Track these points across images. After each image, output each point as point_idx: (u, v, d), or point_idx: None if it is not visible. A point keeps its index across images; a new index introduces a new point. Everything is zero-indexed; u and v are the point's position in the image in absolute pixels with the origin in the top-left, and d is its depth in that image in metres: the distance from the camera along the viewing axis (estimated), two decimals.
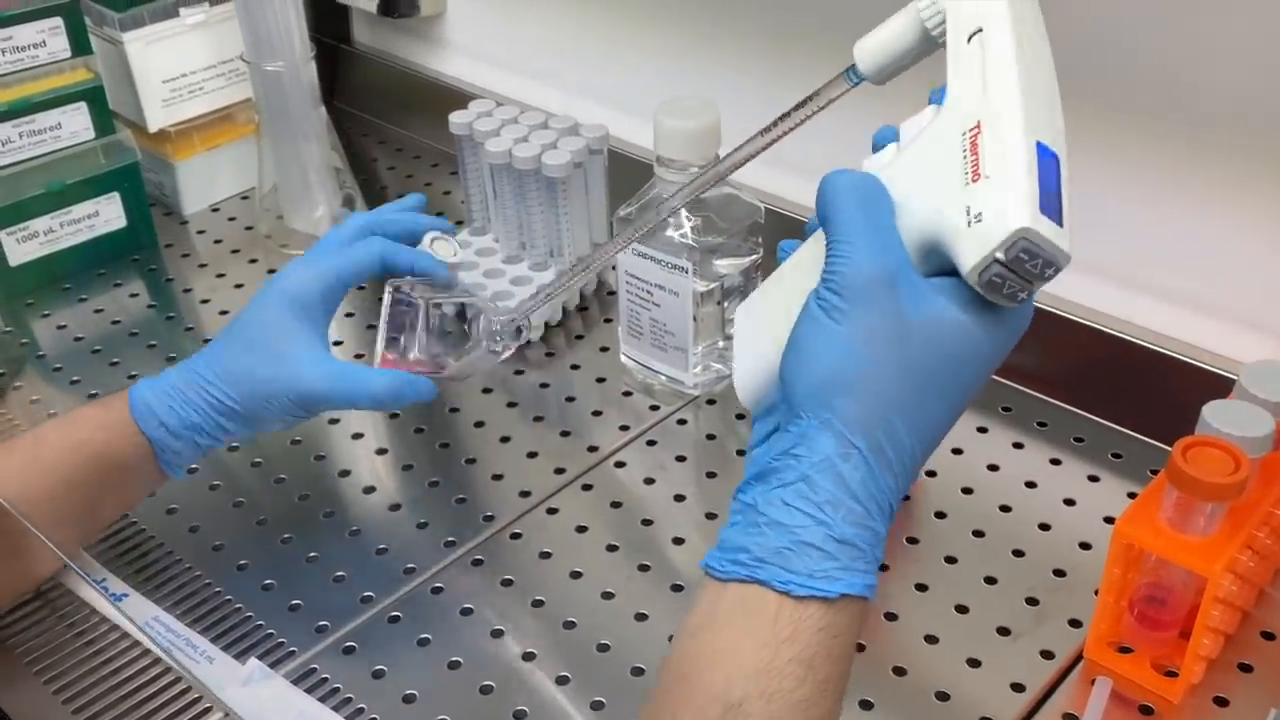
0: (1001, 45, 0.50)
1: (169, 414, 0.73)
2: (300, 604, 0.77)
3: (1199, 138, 0.81)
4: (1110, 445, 0.86)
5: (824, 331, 0.50)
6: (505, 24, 1.25)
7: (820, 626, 0.49)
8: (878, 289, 0.50)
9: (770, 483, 0.51)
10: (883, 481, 0.50)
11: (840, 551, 0.49)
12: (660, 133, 0.85)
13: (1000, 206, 0.47)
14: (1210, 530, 0.64)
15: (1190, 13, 0.78)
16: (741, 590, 0.50)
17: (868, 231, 0.50)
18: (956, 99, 0.51)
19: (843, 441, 0.49)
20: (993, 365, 0.52)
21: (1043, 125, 0.49)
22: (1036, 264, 0.47)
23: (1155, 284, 0.87)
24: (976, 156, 0.48)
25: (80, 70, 1.06)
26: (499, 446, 0.89)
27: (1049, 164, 0.48)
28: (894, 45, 0.55)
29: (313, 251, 0.76)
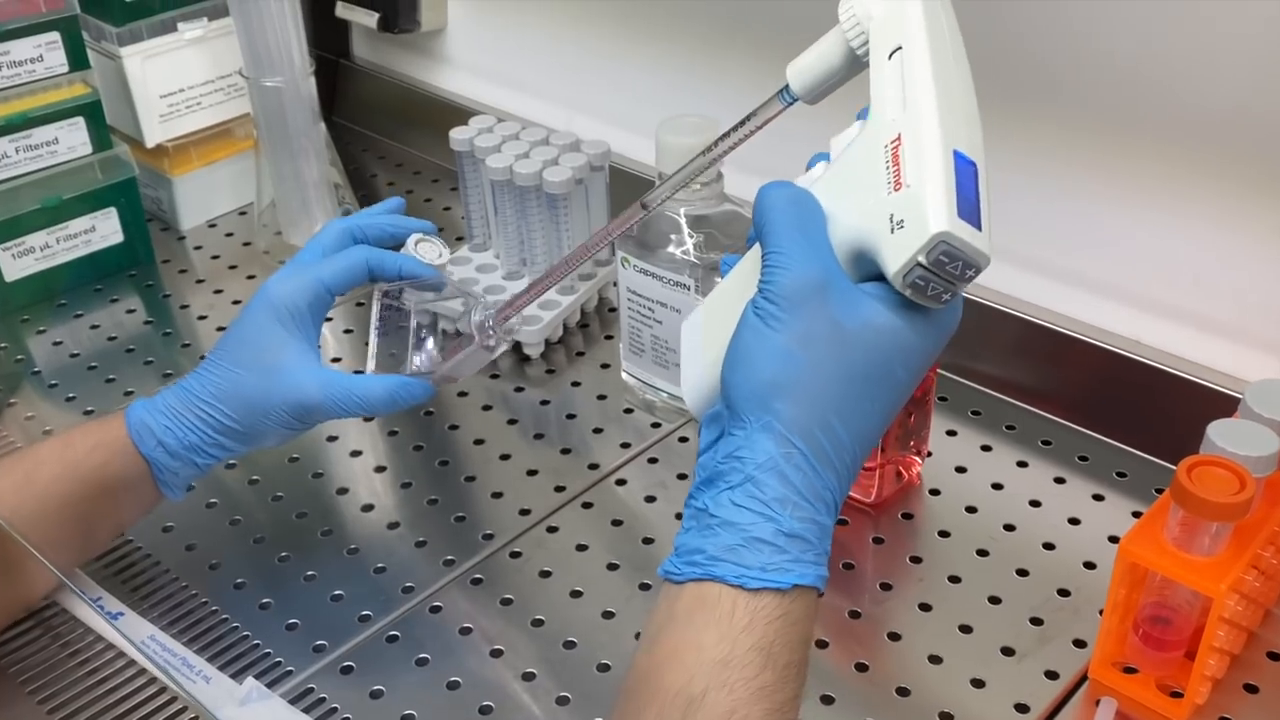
0: (919, 61, 0.53)
1: (166, 434, 0.73)
2: (298, 623, 0.77)
3: (1204, 156, 0.82)
4: (1115, 464, 0.87)
5: (761, 338, 0.53)
6: (506, 40, 1.25)
7: (776, 616, 0.52)
8: (811, 296, 0.53)
9: (719, 485, 0.53)
10: (825, 478, 0.53)
11: (790, 545, 0.52)
12: (662, 149, 0.85)
13: (920, 213, 0.50)
14: (1215, 550, 0.64)
15: (1195, 29, 0.79)
16: (698, 589, 0.53)
17: (800, 242, 0.54)
18: (878, 113, 0.54)
19: (784, 442, 0.52)
20: (925, 365, 0.55)
21: (960, 135, 0.52)
22: (956, 266, 0.50)
23: (1160, 302, 0.87)
24: (898, 167, 0.52)
25: (78, 85, 1.06)
26: (499, 464, 0.90)
27: (967, 171, 0.51)
28: (822, 65, 0.59)
29: (295, 262, 0.77)
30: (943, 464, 0.87)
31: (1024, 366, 0.92)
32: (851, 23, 0.57)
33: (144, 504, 0.76)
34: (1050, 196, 0.90)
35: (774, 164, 0.66)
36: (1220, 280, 0.84)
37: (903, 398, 0.55)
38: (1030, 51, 0.87)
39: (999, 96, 0.88)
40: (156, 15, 1.11)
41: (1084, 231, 0.89)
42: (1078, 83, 0.86)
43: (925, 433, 0.85)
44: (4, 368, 1.01)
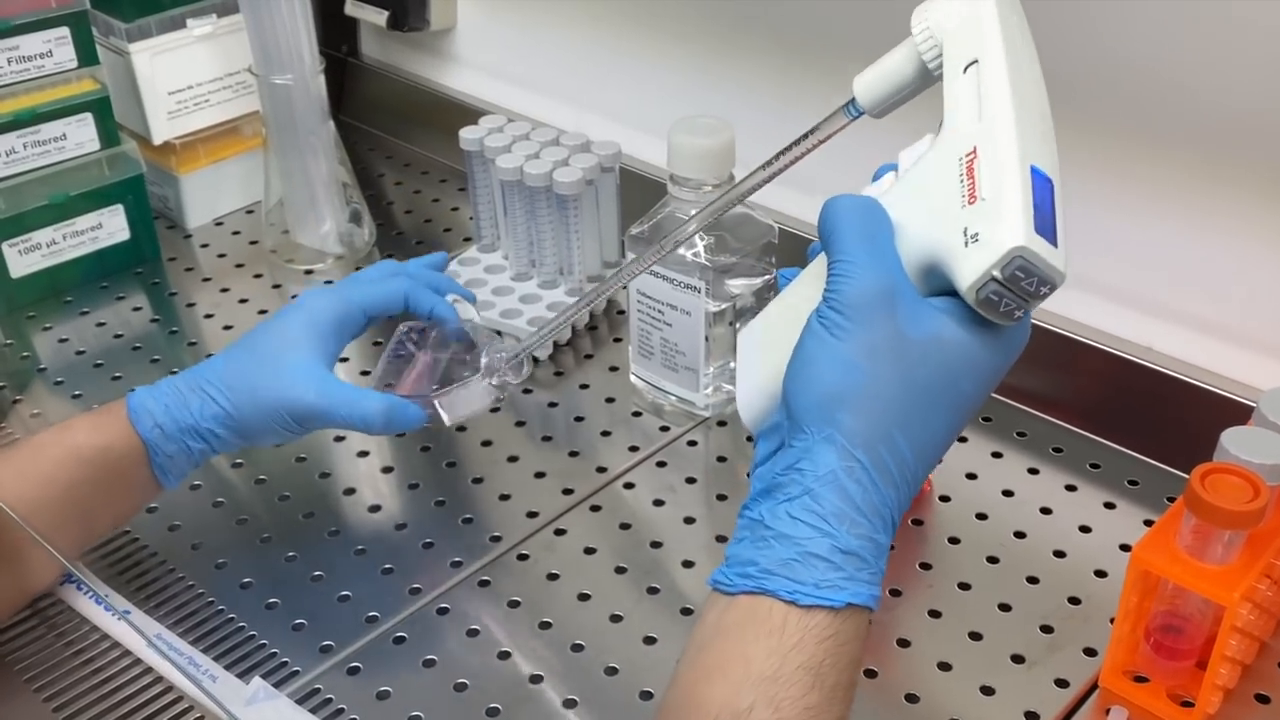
0: (996, 75, 0.53)
1: (164, 414, 0.74)
2: (304, 623, 0.78)
3: (1218, 163, 0.83)
4: (1127, 472, 0.87)
5: (826, 348, 0.53)
6: (516, 39, 1.26)
7: (827, 635, 0.51)
8: (878, 306, 0.52)
9: (776, 497, 0.53)
10: (885, 494, 0.52)
11: (846, 562, 0.51)
12: (675, 151, 0.86)
13: (996, 226, 0.49)
14: (1228, 558, 0.65)
15: (1210, 35, 0.80)
16: (749, 602, 0.52)
17: (868, 251, 0.53)
18: (953, 126, 0.53)
19: (845, 455, 0.52)
20: (992, 382, 0.54)
21: (1036, 150, 0.52)
22: (1032, 282, 0.50)
23: (1173, 309, 0.88)
24: (973, 180, 0.51)
25: (86, 81, 1.07)
26: (506, 466, 0.90)
27: (1043, 187, 0.51)
28: (892, 79, 0.58)
29: (342, 281, 0.81)
30: (953, 471, 0.88)
31: (1036, 373, 0.92)
32: (924, 35, 0.56)
33: (142, 492, 0.77)
34: (1064, 203, 0.90)
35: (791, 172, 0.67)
36: (1234, 287, 0.85)
37: (968, 415, 0.55)
38: (1044, 57, 0.88)
39: None
40: (166, 11, 1.12)
41: (1097, 237, 0.90)
42: (1092, 88, 0.86)
43: None
44: (10, 365, 1.01)
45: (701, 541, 0.83)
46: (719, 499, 0.87)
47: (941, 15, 0.56)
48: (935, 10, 0.56)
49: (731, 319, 0.90)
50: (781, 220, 0.93)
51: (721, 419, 0.94)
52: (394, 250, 1.16)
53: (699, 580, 0.80)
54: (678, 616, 0.78)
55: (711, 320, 0.89)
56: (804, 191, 0.69)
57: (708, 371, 0.91)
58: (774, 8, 1.02)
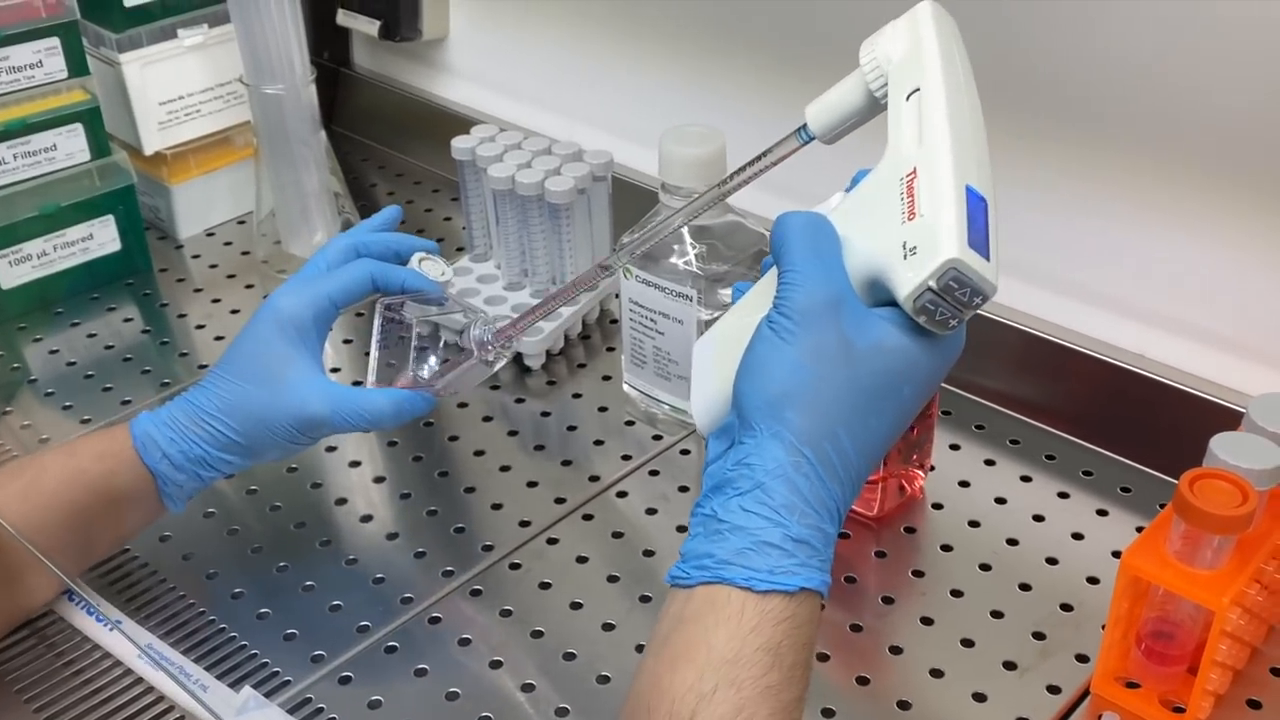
0: (935, 102, 0.57)
1: (171, 446, 0.75)
2: (296, 633, 0.78)
3: (1209, 170, 0.84)
4: (1119, 479, 0.88)
5: (775, 350, 0.56)
6: (509, 49, 1.27)
7: (783, 618, 0.54)
8: (824, 313, 0.56)
9: (728, 492, 0.56)
10: (830, 489, 0.56)
11: (797, 550, 0.55)
12: (665, 160, 0.87)
13: (932, 240, 0.54)
14: (1218, 563, 0.66)
15: (1201, 44, 0.80)
16: (708, 592, 0.55)
17: (816, 262, 0.57)
18: (895, 149, 0.58)
19: (793, 451, 0.55)
20: (931, 387, 0.58)
21: (972, 172, 0.56)
22: (965, 292, 0.54)
23: (1165, 316, 0.89)
24: (912, 198, 0.55)
25: (77, 91, 1.08)
26: (499, 476, 0.91)
27: (977, 205, 0.55)
28: (842, 107, 0.62)
29: (300, 276, 0.78)
30: (946, 478, 0.89)
31: (1028, 381, 0.93)
32: (871, 65, 0.61)
33: (146, 516, 0.78)
34: (1055, 210, 0.91)
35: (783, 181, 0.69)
36: (1225, 294, 0.86)
37: (908, 417, 0.59)
38: (1036, 66, 0.89)
39: (1005, 111, 0.89)
40: (156, 22, 1.12)
41: (1089, 245, 0.91)
42: (1083, 97, 0.87)
43: (928, 447, 0.86)
44: (0, 376, 1.02)
45: None
46: None
47: (888, 47, 0.61)
48: (881, 42, 0.61)
49: None
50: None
51: None
52: None
53: None
54: None
55: (704, 329, 0.89)
56: (797, 200, 0.70)
57: None
58: (765, 18, 1.03)
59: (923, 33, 0.60)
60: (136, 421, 0.76)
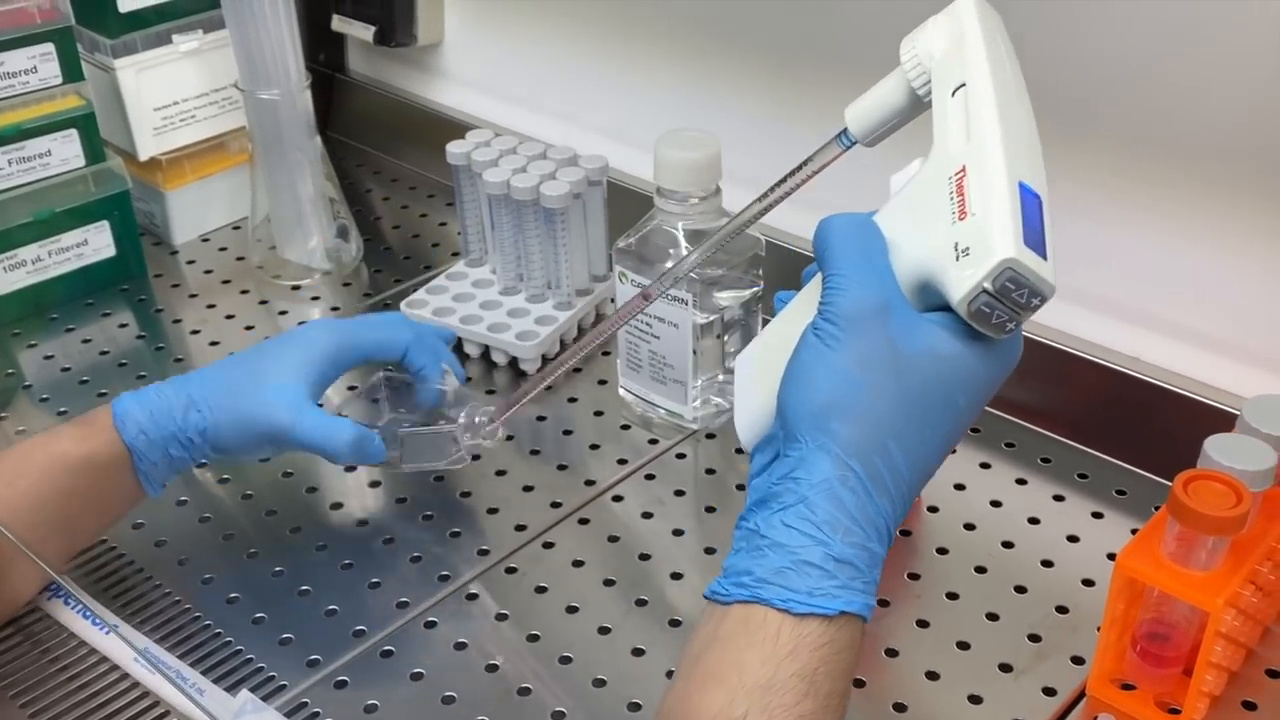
0: (983, 96, 0.55)
1: (149, 420, 0.76)
2: (291, 637, 0.79)
3: (1202, 173, 0.84)
4: (1114, 482, 0.89)
5: (821, 359, 0.54)
6: (503, 54, 1.28)
7: (821, 643, 0.52)
8: (872, 319, 0.54)
9: (771, 507, 0.54)
10: (879, 504, 0.53)
11: (839, 570, 0.53)
12: (661, 164, 0.87)
13: (986, 240, 0.52)
14: (1212, 565, 0.66)
15: (1197, 49, 0.81)
16: (744, 611, 0.53)
17: (862, 266, 0.55)
18: (943, 147, 0.56)
19: (840, 464, 0.53)
20: (986, 395, 0.56)
21: (1024, 167, 0.54)
22: (1023, 294, 0.52)
23: (1160, 319, 0.89)
24: (963, 197, 0.53)
25: (71, 97, 1.08)
26: (494, 480, 0.91)
27: (1031, 202, 0.53)
28: (883, 108, 0.60)
29: (351, 318, 0.84)
30: (941, 481, 0.89)
31: (1024, 384, 0.93)
32: (913, 63, 0.59)
33: (125, 499, 0.78)
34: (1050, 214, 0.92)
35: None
36: (1220, 297, 0.86)
37: (962, 428, 0.57)
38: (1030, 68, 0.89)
39: None
40: (151, 27, 1.13)
41: (1084, 248, 0.91)
42: (1077, 100, 0.88)
43: None
44: None
45: (690, 554, 0.85)
46: (708, 511, 0.88)
47: (929, 43, 0.58)
48: (922, 38, 0.59)
49: (719, 332, 0.91)
50: (768, 233, 0.94)
51: (710, 431, 0.95)
52: (381, 265, 1.17)
53: (688, 592, 0.81)
54: (666, 628, 0.79)
55: (699, 333, 0.90)
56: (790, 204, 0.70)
57: (696, 384, 0.92)
58: (760, 22, 1.04)
59: (966, 26, 0.58)
60: (120, 398, 0.77)
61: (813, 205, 0.71)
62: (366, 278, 1.16)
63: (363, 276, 1.16)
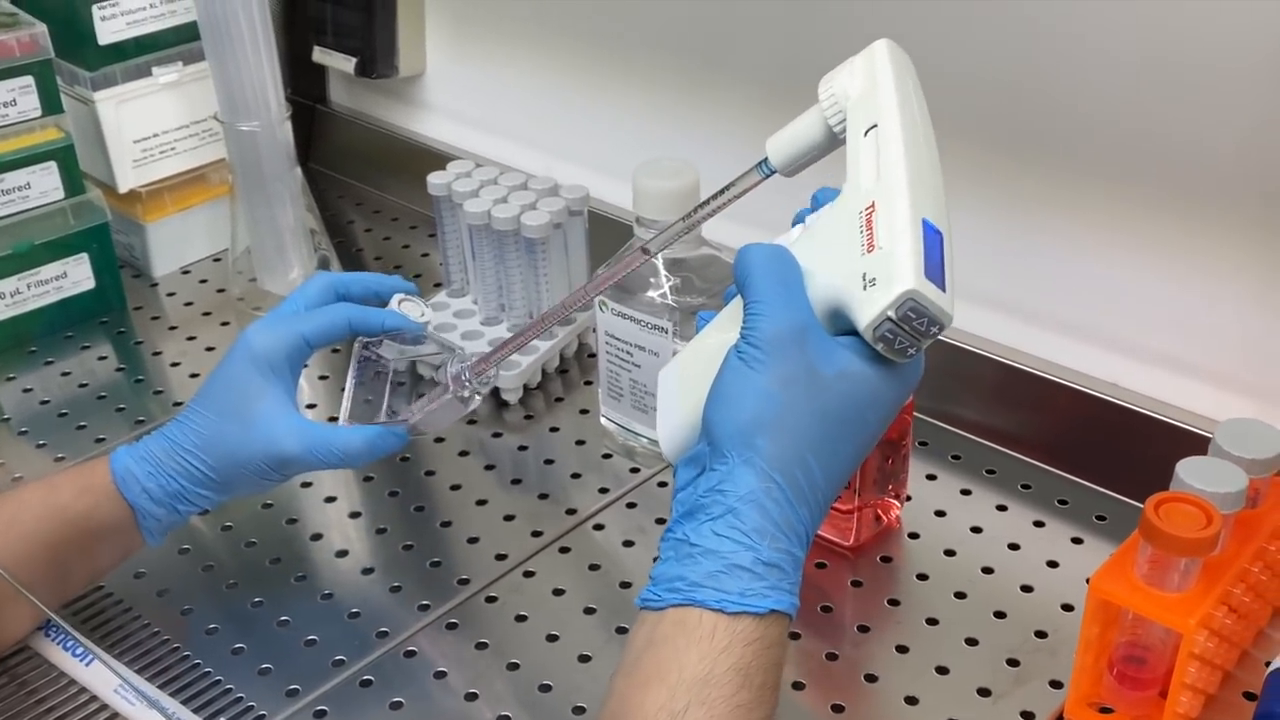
0: (892, 138, 0.60)
1: (150, 480, 0.77)
2: (271, 668, 0.80)
3: (1173, 199, 0.87)
4: (1094, 508, 0.91)
5: (744, 379, 0.59)
6: (484, 85, 1.30)
7: (753, 639, 0.57)
8: (791, 342, 0.59)
9: (699, 518, 0.59)
10: (800, 513, 0.59)
11: (768, 573, 0.58)
12: (639, 193, 0.89)
13: (890, 272, 0.57)
14: (1185, 586, 0.68)
15: (1174, 77, 0.84)
16: (679, 614, 0.58)
17: (781, 293, 0.60)
18: (854, 183, 0.61)
19: (764, 477, 0.58)
20: (892, 412, 0.61)
21: (928, 206, 0.59)
22: (923, 322, 0.57)
23: (1138, 345, 0.91)
24: (871, 231, 0.58)
25: (50, 129, 1.10)
26: (475, 509, 0.93)
27: (934, 238, 0.58)
28: (802, 141, 0.66)
29: (277, 312, 0.81)
30: (922, 508, 0.91)
31: (1004, 411, 0.96)
32: (830, 102, 0.64)
33: (123, 549, 0.80)
34: (1028, 241, 0.94)
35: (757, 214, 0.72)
36: (1197, 322, 0.89)
37: (872, 442, 0.62)
38: (1010, 98, 0.92)
39: (978, 144, 0.93)
40: (131, 59, 1.15)
41: (1062, 275, 0.94)
42: (1054, 130, 0.90)
43: (904, 477, 0.89)
44: None
45: None
46: None
47: (846, 84, 0.64)
48: (839, 79, 0.64)
49: None
50: None
51: None
52: None
53: None
54: None
55: None
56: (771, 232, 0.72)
57: None
58: (739, 54, 1.06)
59: (879, 70, 0.63)
60: (116, 456, 0.78)
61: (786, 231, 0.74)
62: None
63: None
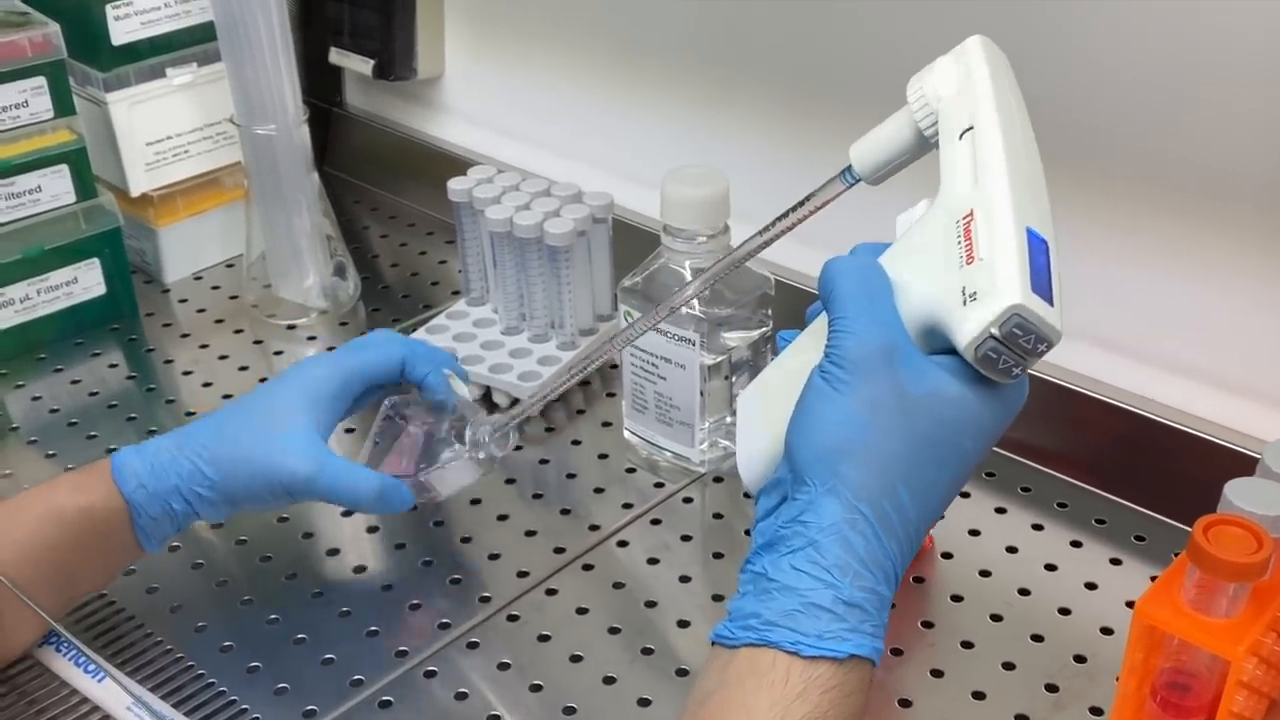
0: (991, 140, 0.57)
1: (149, 474, 0.77)
2: (287, 687, 0.80)
3: (1221, 212, 0.86)
4: (1133, 527, 0.90)
5: (829, 402, 0.56)
6: (505, 88, 1.29)
7: (830, 686, 0.54)
8: (879, 362, 0.56)
9: (779, 550, 0.56)
10: (888, 547, 0.55)
11: (849, 614, 0.54)
12: (667, 201, 0.89)
13: (994, 285, 0.54)
14: (1233, 612, 0.67)
15: (1210, 88, 0.83)
16: (751, 654, 0.55)
17: (868, 309, 0.57)
18: (950, 190, 0.58)
19: (849, 508, 0.55)
20: (993, 438, 0.58)
21: (1031, 212, 0.56)
22: (1029, 339, 0.54)
23: (1178, 360, 0.91)
24: (970, 241, 0.55)
25: (62, 131, 1.10)
26: (496, 525, 0.92)
27: (1038, 247, 0.55)
28: (889, 147, 0.63)
29: (340, 348, 0.84)
30: (956, 527, 0.90)
31: (1040, 427, 0.95)
32: (920, 104, 0.61)
33: (122, 555, 0.79)
34: (1066, 255, 0.92)
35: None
36: (1238, 337, 0.88)
37: (969, 471, 0.59)
38: (1044, 110, 0.91)
39: None
40: (145, 60, 1.15)
41: (1099, 288, 0.93)
42: (1092, 141, 0.90)
43: None
44: None
45: (697, 600, 0.86)
46: (715, 557, 0.89)
47: (937, 84, 0.61)
48: (930, 79, 0.61)
49: (727, 372, 0.93)
50: (777, 272, 0.95)
51: (718, 475, 0.96)
52: (379, 304, 1.19)
53: (695, 640, 0.82)
54: (673, 678, 0.80)
55: (707, 374, 0.91)
56: (800, 243, 0.72)
57: (703, 426, 0.94)
58: (769, 57, 1.06)
59: (974, 68, 0.60)
60: (120, 452, 0.78)
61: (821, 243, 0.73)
62: (364, 317, 1.18)
63: (360, 315, 1.18)
